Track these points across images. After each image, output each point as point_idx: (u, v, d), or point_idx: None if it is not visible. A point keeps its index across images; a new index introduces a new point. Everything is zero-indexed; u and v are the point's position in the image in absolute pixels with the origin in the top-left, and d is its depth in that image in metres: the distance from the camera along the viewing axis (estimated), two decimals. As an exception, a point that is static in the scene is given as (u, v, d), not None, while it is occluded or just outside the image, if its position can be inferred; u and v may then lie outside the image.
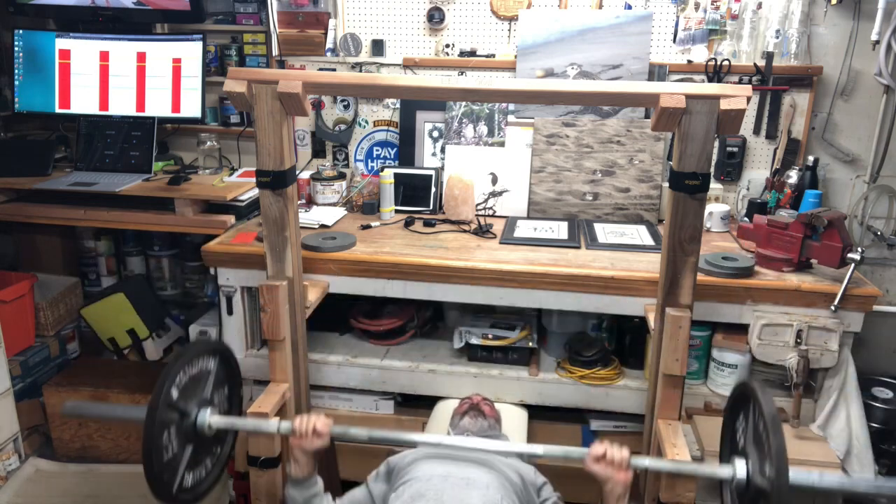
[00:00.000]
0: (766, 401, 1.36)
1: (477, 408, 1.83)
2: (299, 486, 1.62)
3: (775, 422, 1.32)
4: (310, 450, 1.59)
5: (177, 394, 1.55)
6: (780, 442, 1.28)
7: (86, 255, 3.09)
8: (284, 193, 1.72)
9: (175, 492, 1.54)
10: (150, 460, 1.45)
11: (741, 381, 1.53)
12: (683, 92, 1.50)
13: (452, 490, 1.52)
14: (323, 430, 1.57)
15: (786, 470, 1.26)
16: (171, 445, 1.54)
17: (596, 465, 1.47)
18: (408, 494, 1.54)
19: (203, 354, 1.68)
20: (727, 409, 1.60)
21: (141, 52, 2.72)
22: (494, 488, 1.54)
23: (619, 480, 1.45)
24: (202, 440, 1.64)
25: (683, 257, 1.60)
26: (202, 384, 1.68)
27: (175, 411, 1.56)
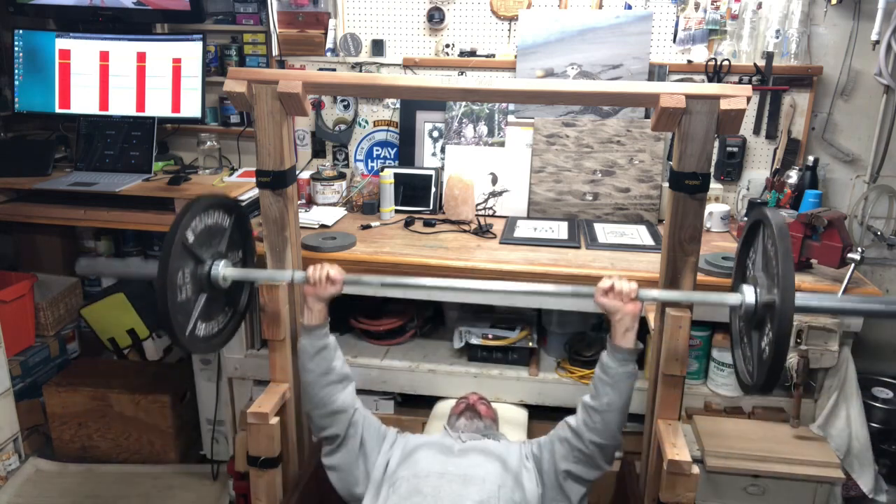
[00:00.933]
0: (777, 219, 1.34)
1: (473, 408, 1.83)
2: (311, 334, 1.64)
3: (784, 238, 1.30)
4: (324, 297, 1.61)
5: (192, 237, 1.54)
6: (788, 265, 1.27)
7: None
8: (284, 193, 1.72)
9: (187, 335, 1.53)
10: (164, 296, 1.43)
11: (756, 208, 1.51)
12: (683, 92, 1.50)
13: (449, 486, 1.53)
14: (337, 277, 1.60)
15: (792, 290, 1.26)
16: (185, 288, 1.53)
17: (604, 297, 1.51)
18: (405, 489, 1.54)
19: (219, 208, 1.67)
20: (740, 246, 1.59)
21: (141, 52, 2.72)
22: (491, 481, 1.54)
23: (628, 311, 1.50)
24: (216, 292, 1.64)
25: (683, 257, 1.60)
26: (217, 238, 1.67)
27: (190, 255, 1.55)
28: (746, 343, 1.50)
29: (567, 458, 1.59)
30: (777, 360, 1.28)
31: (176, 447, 2.68)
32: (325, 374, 1.64)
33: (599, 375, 1.56)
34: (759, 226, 1.49)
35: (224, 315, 1.75)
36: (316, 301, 1.63)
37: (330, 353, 1.66)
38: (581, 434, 1.56)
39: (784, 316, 1.26)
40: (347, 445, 1.66)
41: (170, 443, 2.67)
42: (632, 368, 1.54)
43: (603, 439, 1.54)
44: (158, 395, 2.61)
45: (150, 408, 2.62)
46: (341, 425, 1.65)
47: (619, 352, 1.53)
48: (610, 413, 1.53)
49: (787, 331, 1.26)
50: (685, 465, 1.51)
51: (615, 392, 1.53)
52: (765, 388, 1.35)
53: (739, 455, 1.93)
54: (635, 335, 1.53)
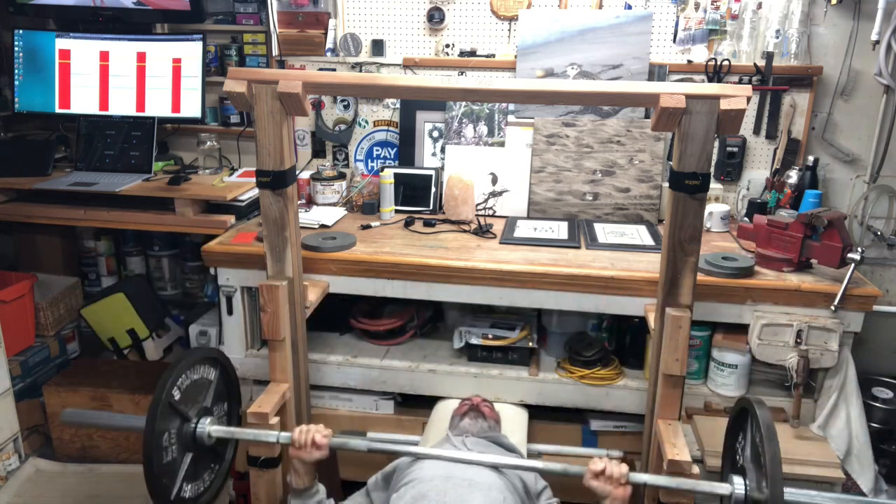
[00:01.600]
0: (764, 416, 1.37)
1: (477, 409, 1.83)
2: (300, 496, 1.63)
3: (772, 438, 1.33)
4: (309, 461, 1.60)
5: (178, 395, 1.55)
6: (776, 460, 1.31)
7: (86, 255, 3.09)
8: (284, 193, 1.72)
9: (173, 498, 1.54)
10: (150, 458, 1.45)
11: (740, 398, 1.54)
12: (683, 92, 1.50)
13: (455, 491, 1.52)
14: (322, 442, 1.58)
15: (781, 489, 1.29)
16: (171, 448, 1.54)
17: (595, 480, 1.48)
18: (410, 495, 1.54)
19: (205, 362, 1.69)
20: (728, 428, 1.61)
21: (141, 52, 2.72)
22: (497, 489, 1.54)
23: (618, 496, 1.47)
24: (201, 450, 1.64)
25: (683, 257, 1.60)
26: (203, 392, 1.69)
27: (176, 414, 1.56)
28: None
29: None
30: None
31: (176, 447, 2.68)
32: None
33: None
34: (746, 414, 1.51)
35: (209, 473, 1.74)
36: (301, 464, 1.61)
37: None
38: None
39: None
40: None
41: (170, 443, 2.66)
42: None
43: None
44: (158, 395, 2.61)
45: (149, 410, 2.61)
46: None
47: None
48: None
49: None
50: (685, 465, 1.52)
51: None
52: None
53: (739, 455, 1.93)
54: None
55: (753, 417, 1.42)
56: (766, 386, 2.14)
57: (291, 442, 1.60)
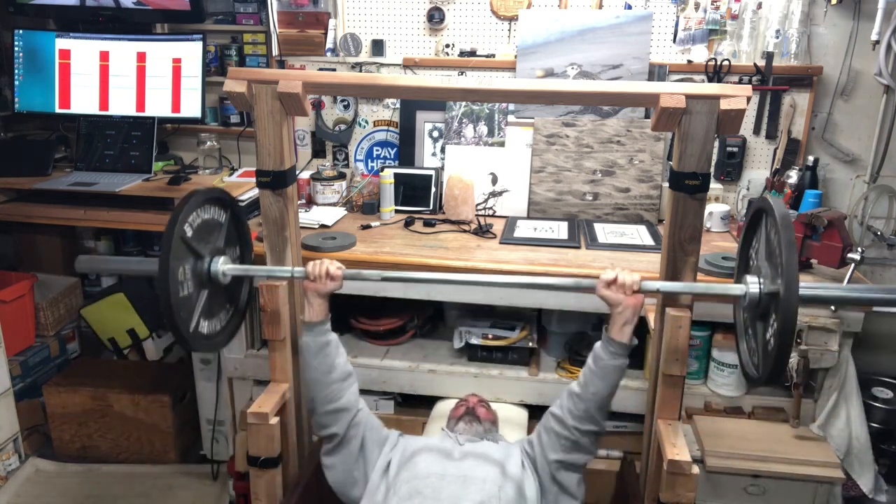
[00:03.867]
0: (779, 208, 1.33)
1: (472, 412, 1.82)
2: (312, 330, 1.65)
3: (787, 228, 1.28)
4: (324, 292, 1.62)
5: (190, 232, 1.54)
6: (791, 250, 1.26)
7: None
8: (284, 193, 1.72)
9: (191, 331, 1.53)
10: (166, 290, 1.42)
11: (758, 199, 1.50)
12: (683, 92, 1.50)
13: (450, 487, 1.53)
14: (336, 273, 1.61)
15: (795, 280, 1.24)
16: (186, 284, 1.53)
17: (606, 289, 1.51)
18: (405, 491, 1.54)
19: (214, 203, 1.67)
20: (742, 236, 1.58)
21: (141, 52, 2.72)
22: (491, 481, 1.55)
23: (630, 304, 1.50)
24: (217, 288, 1.64)
25: (683, 257, 1.60)
26: (214, 234, 1.67)
27: (189, 251, 1.55)
28: (751, 335, 1.49)
29: (555, 447, 1.60)
30: (782, 350, 1.27)
31: (176, 447, 2.68)
32: (328, 372, 1.65)
33: (590, 365, 1.56)
34: (761, 215, 1.49)
35: (225, 312, 1.75)
36: (316, 296, 1.64)
37: (332, 349, 1.66)
38: (565, 421, 1.57)
39: (789, 304, 1.25)
40: (348, 446, 1.67)
41: (170, 443, 2.67)
42: (623, 362, 1.54)
43: (587, 426, 1.56)
44: (158, 395, 2.61)
45: (150, 408, 2.62)
46: (343, 424, 1.65)
47: (613, 345, 1.53)
48: (594, 402, 1.54)
49: (793, 319, 1.25)
50: (685, 465, 1.51)
51: (603, 383, 1.54)
52: (770, 379, 1.34)
53: (739, 455, 1.93)
54: (632, 330, 1.54)
55: (768, 213, 1.38)
56: (766, 386, 2.14)
57: (306, 275, 1.62)
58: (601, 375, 1.54)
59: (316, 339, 1.65)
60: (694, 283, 1.54)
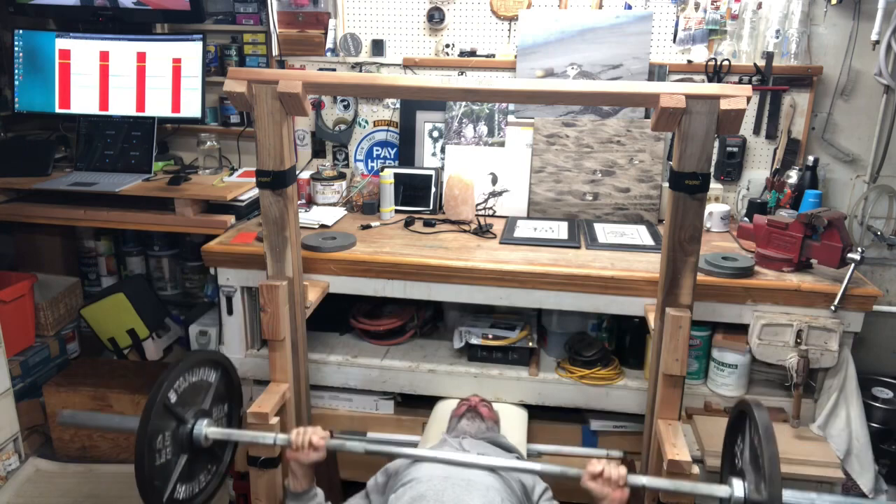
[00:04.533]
0: (762, 417, 1.37)
1: (475, 410, 1.83)
2: (298, 499, 1.63)
3: (770, 439, 1.32)
4: (306, 463, 1.60)
5: (175, 398, 1.55)
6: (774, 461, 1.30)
7: (86, 255, 3.10)
8: (284, 193, 1.72)
9: (165, 500, 1.53)
10: (142, 461, 1.44)
11: (739, 400, 1.54)
12: (683, 92, 1.50)
13: (453, 491, 1.52)
14: (319, 444, 1.58)
15: (779, 491, 1.29)
16: (164, 451, 1.53)
17: (592, 482, 1.47)
18: (408, 496, 1.54)
19: (205, 365, 1.69)
20: (727, 431, 1.61)
21: (141, 52, 2.72)
22: (495, 490, 1.54)
23: (616, 498, 1.45)
24: (198, 452, 1.63)
25: (683, 257, 1.60)
26: (202, 395, 1.68)
27: (172, 416, 1.56)
28: None
29: None
30: None
31: (176, 447, 2.68)
32: None
33: None
34: (744, 417, 1.50)
35: (206, 473, 1.72)
36: (299, 466, 1.61)
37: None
38: None
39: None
40: None
41: (170, 443, 2.66)
42: None
43: None
44: (158, 395, 2.61)
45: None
46: None
47: None
48: None
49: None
50: (685, 465, 1.52)
51: None
52: None
53: (739, 455, 1.93)
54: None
55: (752, 420, 1.42)
56: (766, 386, 2.14)
57: (289, 444, 1.60)
58: None
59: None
60: (681, 482, 1.49)
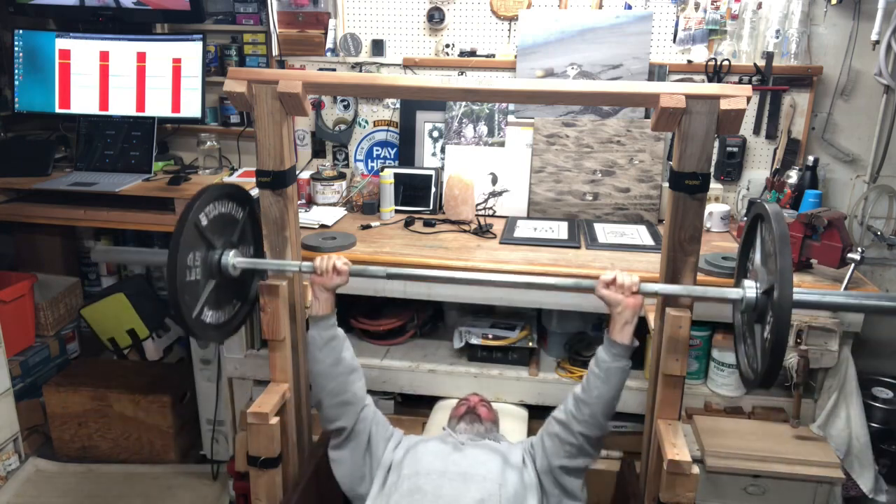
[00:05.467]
0: (776, 213, 1.35)
1: (473, 412, 1.83)
2: (319, 324, 1.66)
3: (783, 237, 1.30)
4: (330, 286, 1.65)
5: (205, 221, 1.56)
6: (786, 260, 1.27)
7: (86, 255, 3.09)
8: (284, 193, 1.72)
9: (194, 316, 1.54)
10: (173, 272, 1.43)
11: (755, 204, 1.52)
12: (683, 92, 1.50)
13: (450, 484, 1.53)
14: (342, 268, 1.63)
15: (790, 286, 1.26)
16: (194, 269, 1.54)
17: (606, 290, 1.52)
18: (406, 488, 1.55)
19: (234, 199, 1.69)
20: (741, 240, 1.60)
21: (141, 52, 2.72)
22: (492, 480, 1.55)
23: (629, 304, 1.51)
24: (225, 280, 1.65)
25: (683, 257, 1.60)
26: (230, 228, 1.69)
27: (202, 238, 1.56)
28: (749, 338, 1.50)
29: (558, 453, 1.60)
30: (777, 348, 1.28)
31: (176, 447, 2.68)
32: (335, 365, 1.66)
33: (592, 368, 1.57)
34: (758, 221, 1.50)
35: (231, 307, 1.76)
36: (323, 291, 1.65)
37: (339, 343, 1.68)
38: (570, 426, 1.57)
39: (783, 302, 1.26)
40: (356, 439, 1.68)
41: (170, 443, 2.67)
42: (625, 364, 1.55)
43: (591, 430, 1.56)
44: (158, 395, 2.61)
45: (150, 408, 2.62)
46: (350, 418, 1.67)
47: (615, 346, 1.54)
48: (598, 405, 1.55)
49: (787, 316, 1.26)
50: (685, 465, 1.51)
51: (606, 386, 1.54)
52: (767, 379, 1.35)
53: (739, 455, 1.93)
54: (633, 331, 1.54)
55: (765, 218, 1.40)
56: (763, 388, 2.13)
57: (313, 269, 1.64)
58: (604, 378, 1.54)
59: (322, 333, 1.66)
60: (692, 287, 1.54)
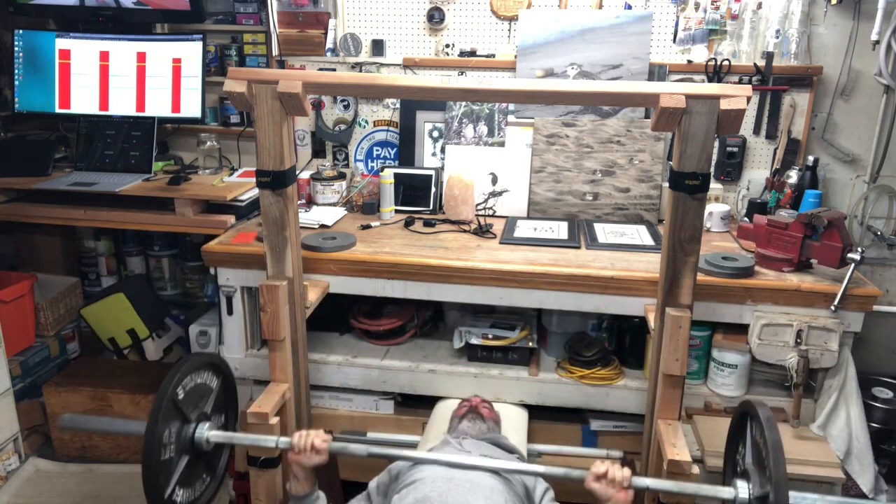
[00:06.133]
0: (767, 419, 1.36)
1: (475, 410, 1.83)
2: (300, 503, 1.63)
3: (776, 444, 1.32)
4: (308, 466, 1.60)
5: (182, 395, 1.55)
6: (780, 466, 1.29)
7: (86, 255, 3.09)
8: (284, 193, 1.72)
9: (166, 498, 1.53)
10: (150, 453, 1.44)
11: (742, 401, 1.53)
12: (683, 92, 1.50)
13: (457, 492, 1.52)
14: (321, 446, 1.58)
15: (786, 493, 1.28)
16: (169, 447, 1.54)
17: (596, 483, 1.47)
18: (412, 497, 1.53)
19: (209, 368, 1.70)
20: (729, 433, 1.61)
21: (141, 52, 2.72)
22: (498, 491, 1.54)
23: (620, 500, 1.45)
24: (197, 455, 1.64)
25: (683, 257, 1.60)
26: (204, 398, 1.69)
27: (178, 413, 1.56)
28: None
29: None
30: None
31: (176, 447, 2.68)
32: None
33: None
34: (746, 418, 1.50)
35: (201, 482, 1.73)
36: (301, 469, 1.61)
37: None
38: None
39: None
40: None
41: (170, 443, 2.66)
42: None
43: None
44: (158, 395, 2.61)
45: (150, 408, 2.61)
46: None
47: None
48: None
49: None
50: (685, 465, 1.52)
51: None
52: None
53: (739, 455, 1.93)
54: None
55: (755, 419, 1.41)
56: (766, 386, 2.14)
57: (290, 447, 1.59)
58: None
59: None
60: (685, 484, 1.49)
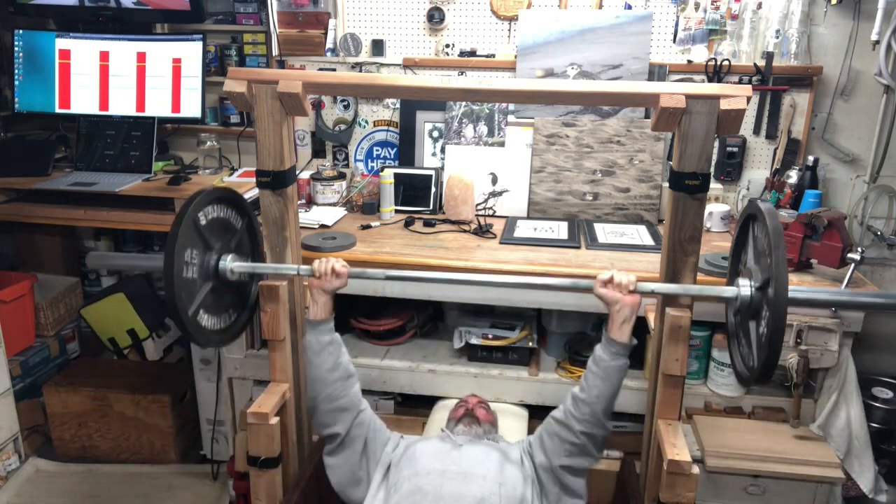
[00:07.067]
0: (769, 210, 1.36)
1: (471, 414, 1.82)
2: (316, 329, 1.65)
3: (777, 230, 1.31)
4: (328, 290, 1.64)
5: (204, 220, 1.56)
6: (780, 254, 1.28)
7: (86, 255, 3.09)
8: (284, 193, 1.72)
9: (190, 315, 1.52)
10: (171, 264, 1.42)
11: (747, 205, 1.53)
12: (683, 92, 1.50)
13: (451, 484, 1.53)
14: (341, 270, 1.62)
15: (785, 278, 1.28)
16: (191, 266, 1.52)
17: (604, 289, 1.53)
18: (406, 488, 1.55)
19: (233, 206, 1.69)
20: (734, 241, 1.61)
21: (141, 52, 2.72)
22: (492, 479, 1.55)
23: (627, 302, 1.52)
24: (222, 285, 1.64)
25: (683, 257, 1.60)
26: (229, 235, 1.68)
27: (199, 237, 1.55)
28: (743, 337, 1.51)
29: (560, 453, 1.60)
30: (774, 340, 1.28)
31: (176, 447, 2.68)
32: (332, 370, 1.65)
33: (591, 367, 1.57)
34: (749, 221, 1.51)
35: (228, 315, 1.75)
36: (321, 294, 1.65)
37: (335, 348, 1.67)
38: (570, 425, 1.57)
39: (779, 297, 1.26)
40: (351, 446, 1.67)
41: (170, 443, 2.67)
42: (624, 362, 1.55)
43: (592, 429, 1.56)
44: (158, 395, 2.61)
45: (150, 408, 2.62)
46: (345, 423, 1.66)
47: (614, 345, 1.54)
48: (598, 404, 1.55)
49: (783, 307, 1.27)
50: (685, 465, 1.51)
51: (605, 384, 1.54)
52: (763, 375, 1.35)
53: (739, 455, 1.93)
54: (631, 329, 1.54)
55: (756, 216, 1.41)
56: (766, 386, 2.14)
57: (312, 272, 1.64)
58: (603, 377, 1.54)
59: (319, 338, 1.65)
60: (689, 286, 1.55)
